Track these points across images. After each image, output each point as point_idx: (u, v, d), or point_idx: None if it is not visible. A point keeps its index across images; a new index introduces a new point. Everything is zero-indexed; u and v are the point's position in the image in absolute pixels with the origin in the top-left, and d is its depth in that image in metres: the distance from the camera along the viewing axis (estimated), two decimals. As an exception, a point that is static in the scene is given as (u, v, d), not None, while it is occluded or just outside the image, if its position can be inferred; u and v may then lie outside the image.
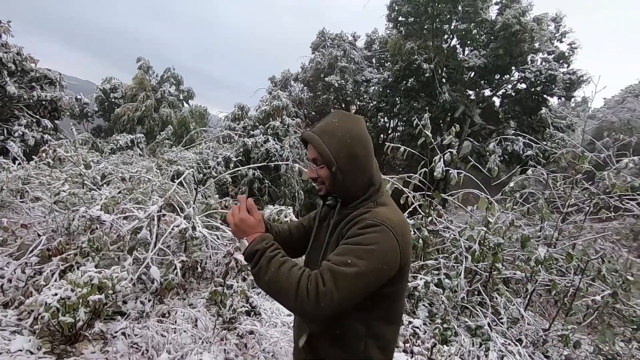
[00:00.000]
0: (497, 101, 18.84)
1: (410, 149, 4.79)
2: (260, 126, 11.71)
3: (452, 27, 17.22)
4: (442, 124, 17.53)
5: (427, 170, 4.43)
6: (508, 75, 17.74)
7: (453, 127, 4.48)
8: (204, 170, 10.13)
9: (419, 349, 3.09)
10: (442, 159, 4.31)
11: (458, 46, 18.54)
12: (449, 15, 16.84)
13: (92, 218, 3.19)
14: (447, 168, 4.40)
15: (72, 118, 17.68)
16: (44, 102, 11.81)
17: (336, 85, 19.29)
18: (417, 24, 17.59)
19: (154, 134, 19.93)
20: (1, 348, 2.27)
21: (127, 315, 2.88)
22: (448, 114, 17.03)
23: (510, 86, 18.11)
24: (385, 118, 21.33)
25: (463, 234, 4.25)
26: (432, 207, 4.51)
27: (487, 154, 14.29)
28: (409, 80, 18.36)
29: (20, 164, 5.44)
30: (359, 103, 20.86)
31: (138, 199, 4.34)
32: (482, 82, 17.86)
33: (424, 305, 3.95)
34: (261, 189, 11.24)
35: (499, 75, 17.56)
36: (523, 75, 16.70)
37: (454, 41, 18.42)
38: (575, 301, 3.80)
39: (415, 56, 16.78)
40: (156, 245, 3.29)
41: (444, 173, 4.32)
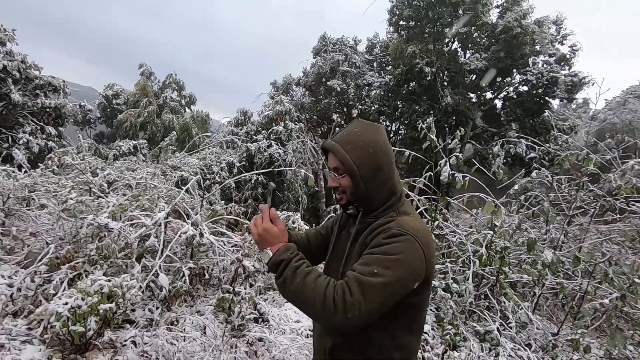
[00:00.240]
0: (499, 104, 18.83)
1: (415, 153, 4.79)
2: (263, 131, 11.73)
3: (453, 31, 17.26)
4: (446, 127, 17.52)
5: (432, 174, 4.43)
6: (510, 78, 17.74)
7: (458, 131, 4.48)
8: (207, 175, 10.14)
9: (429, 354, 3.08)
10: (448, 163, 4.31)
11: (459, 49, 18.57)
12: (449, 19, 16.90)
13: (100, 226, 3.20)
14: (453, 172, 4.39)
15: (75, 125, 17.79)
16: (48, 110, 11.86)
17: (338, 89, 19.32)
18: (418, 28, 17.64)
19: (156, 139, 19.99)
20: (12, 358, 2.27)
21: (136, 324, 2.88)
22: (451, 117, 17.02)
23: (512, 89, 18.10)
24: (387, 122, 21.32)
25: (469, 238, 4.24)
26: (438, 211, 4.50)
27: (491, 156, 14.27)
28: (411, 83, 18.37)
29: (26, 172, 5.46)
30: (360, 107, 20.86)
31: (144, 205, 4.35)
32: (484, 85, 17.85)
33: (431, 310, 3.94)
34: (264, 194, 11.23)
35: (500, 78, 17.56)
36: (525, 77, 16.70)
37: (455, 44, 18.47)
38: (584, 304, 3.77)
39: (417, 60, 16.81)
40: (164, 253, 3.29)
41: (450, 177, 4.31)
